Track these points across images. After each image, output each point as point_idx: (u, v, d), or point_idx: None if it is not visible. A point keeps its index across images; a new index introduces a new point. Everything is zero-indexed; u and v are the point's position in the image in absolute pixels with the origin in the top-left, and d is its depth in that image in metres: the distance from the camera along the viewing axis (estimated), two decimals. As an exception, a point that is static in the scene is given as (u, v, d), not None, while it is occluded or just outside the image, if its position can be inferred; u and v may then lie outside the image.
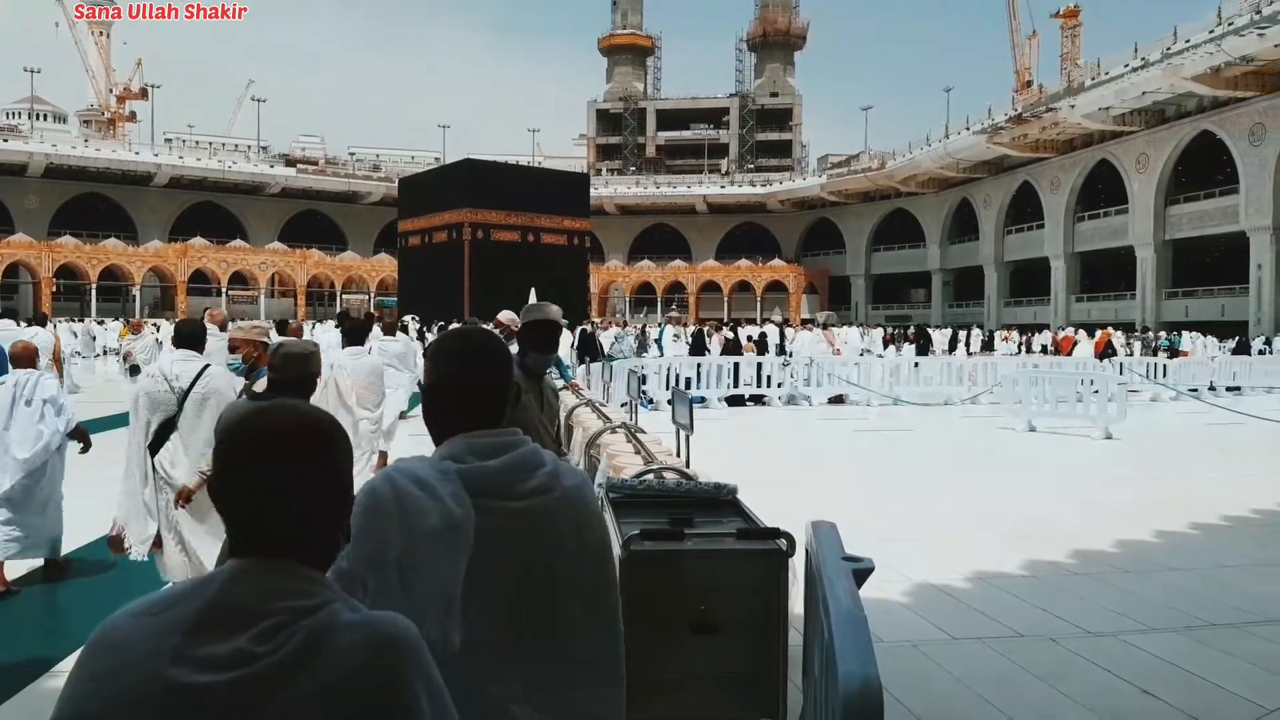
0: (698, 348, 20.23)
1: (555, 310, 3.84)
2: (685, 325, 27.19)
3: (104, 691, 1.07)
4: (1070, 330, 27.95)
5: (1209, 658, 4.67)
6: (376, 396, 7.24)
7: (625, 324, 34.38)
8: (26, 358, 6.17)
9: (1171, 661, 4.60)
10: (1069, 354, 23.84)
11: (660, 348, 24.44)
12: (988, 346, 37.84)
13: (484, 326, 4.45)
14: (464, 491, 1.59)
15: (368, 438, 6.41)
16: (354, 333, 8.08)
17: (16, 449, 5.71)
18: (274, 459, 1.20)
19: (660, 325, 33.34)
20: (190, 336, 5.13)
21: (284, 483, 1.19)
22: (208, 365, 4.93)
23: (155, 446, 4.66)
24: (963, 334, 38.63)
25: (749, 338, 22.98)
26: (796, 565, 3.28)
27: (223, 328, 9.72)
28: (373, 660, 1.13)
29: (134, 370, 13.84)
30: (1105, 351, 24.24)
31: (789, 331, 24.89)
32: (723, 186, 77.99)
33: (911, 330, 36.51)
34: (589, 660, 1.68)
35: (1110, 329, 30.87)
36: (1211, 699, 4.16)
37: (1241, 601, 5.61)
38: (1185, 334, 34.04)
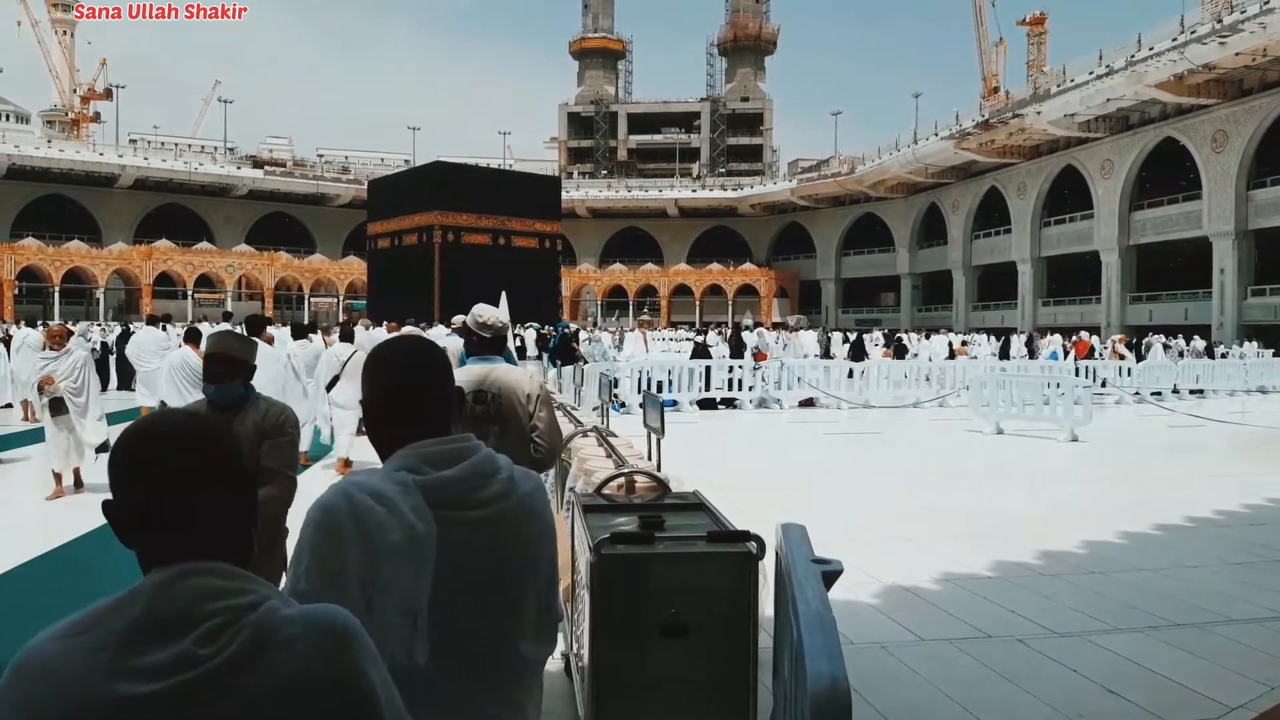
0: (858, 354, 22.63)
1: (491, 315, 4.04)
2: (655, 328, 27.37)
3: (38, 717, 1.02)
4: (1084, 335, 28.56)
5: (1172, 657, 4.73)
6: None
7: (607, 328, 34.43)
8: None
9: (1136, 661, 4.66)
10: (1084, 358, 24.37)
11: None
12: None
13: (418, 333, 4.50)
14: (424, 504, 1.55)
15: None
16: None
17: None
18: (182, 460, 1.17)
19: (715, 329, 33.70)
20: (349, 334, 11.08)
21: (195, 482, 1.17)
22: (356, 351, 10.10)
23: (328, 389, 10.15)
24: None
25: (887, 346, 27.41)
26: (766, 567, 3.28)
27: (366, 328, 15.45)
28: (320, 650, 1.11)
29: (55, 406, 8.52)
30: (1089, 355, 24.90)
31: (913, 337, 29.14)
32: (694, 190, 78.00)
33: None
34: (534, 668, 1.73)
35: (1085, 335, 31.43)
36: (1175, 697, 4.21)
37: (1204, 601, 5.69)
38: (1156, 337, 34.35)
